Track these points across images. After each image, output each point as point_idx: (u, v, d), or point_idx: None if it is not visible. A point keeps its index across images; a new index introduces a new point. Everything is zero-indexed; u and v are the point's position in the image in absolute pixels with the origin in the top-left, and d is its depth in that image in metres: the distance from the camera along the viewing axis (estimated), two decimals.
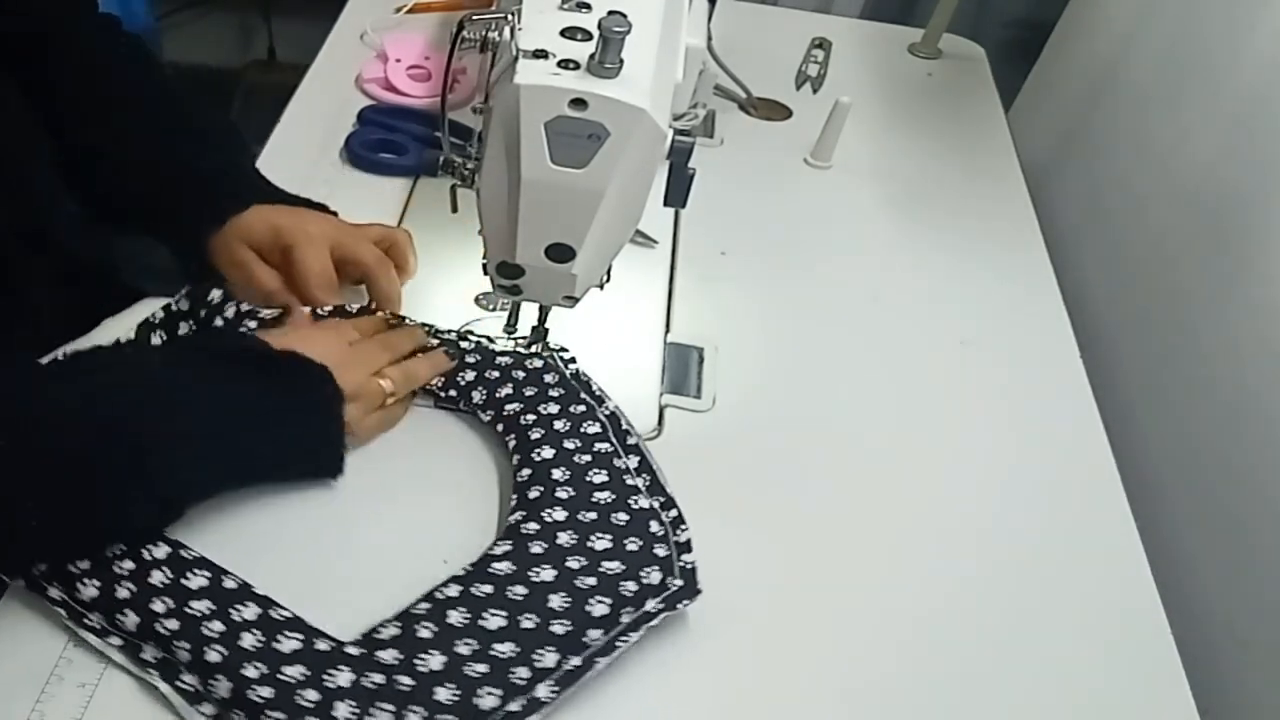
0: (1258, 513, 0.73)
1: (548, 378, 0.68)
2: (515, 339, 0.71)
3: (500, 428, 0.66)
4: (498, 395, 0.67)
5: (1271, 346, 0.74)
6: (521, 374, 0.68)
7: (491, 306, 0.76)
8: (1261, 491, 0.72)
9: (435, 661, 0.53)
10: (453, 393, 0.68)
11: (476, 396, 0.68)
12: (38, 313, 0.69)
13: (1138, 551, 0.69)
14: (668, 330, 0.78)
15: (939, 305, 0.84)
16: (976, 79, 1.13)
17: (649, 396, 0.71)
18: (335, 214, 0.75)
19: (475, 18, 0.56)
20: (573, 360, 0.71)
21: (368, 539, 0.62)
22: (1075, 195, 1.06)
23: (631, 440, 0.66)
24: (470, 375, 0.69)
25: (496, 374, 0.69)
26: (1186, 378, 0.83)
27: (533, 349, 0.71)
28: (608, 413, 0.67)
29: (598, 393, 0.68)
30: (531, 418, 0.66)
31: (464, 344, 0.71)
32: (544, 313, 0.70)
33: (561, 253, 0.60)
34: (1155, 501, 0.80)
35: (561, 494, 0.61)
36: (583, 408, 0.66)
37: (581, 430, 0.65)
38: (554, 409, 0.66)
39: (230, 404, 0.58)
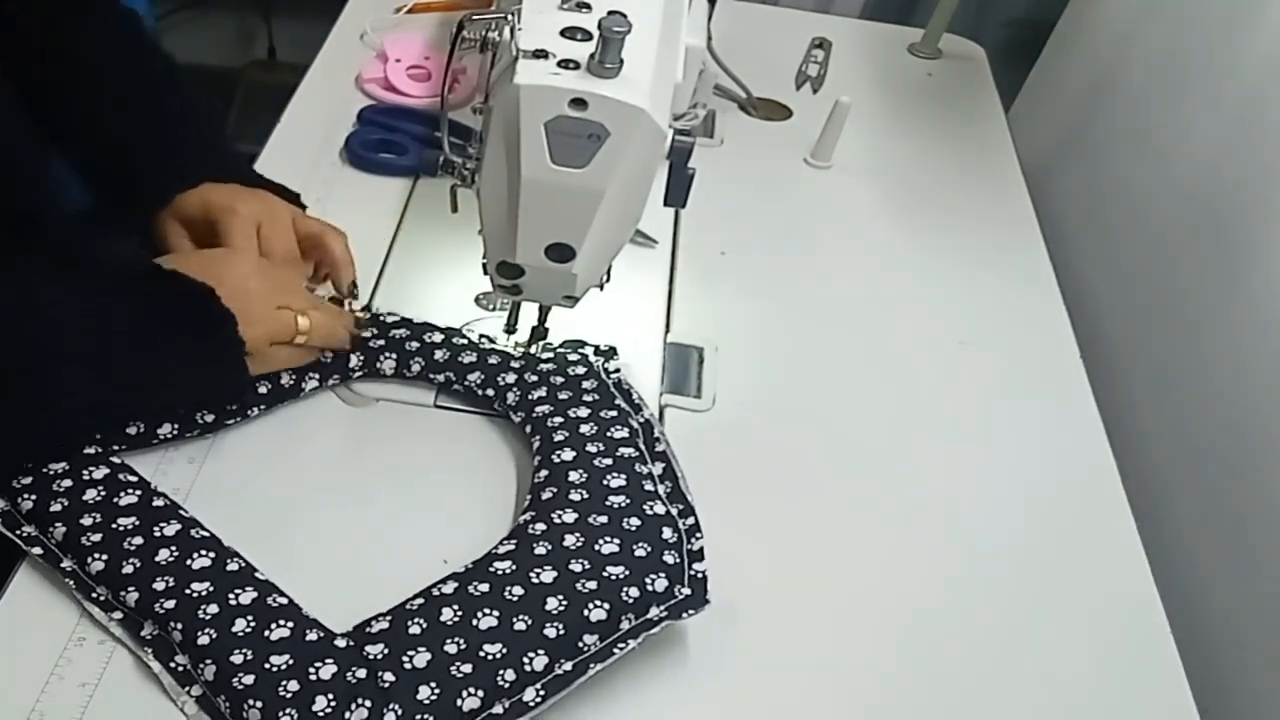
0: (1258, 512, 0.73)
1: (586, 384, 0.68)
2: (515, 340, 0.71)
3: (528, 429, 0.66)
4: (530, 398, 0.67)
5: (1272, 346, 0.74)
6: (560, 379, 0.68)
7: (491, 306, 0.76)
8: (1262, 491, 0.72)
9: (420, 659, 0.52)
10: (490, 392, 0.68)
11: (511, 398, 0.67)
12: None
13: (1138, 551, 0.68)
14: (668, 330, 0.78)
15: (938, 305, 0.84)
16: (976, 79, 1.13)
17: (649, 396, 0.71)
18: (297, 196, 0.74)
19: (475, 18, 0.56)
20: (617, 368, 0.71)
21: (389, 534, 0.62)
22: (1075, 195, 1.06)
23: (660, 448, 0.65)
24: (510, 378, 0.68)
25: (535, 378, 0.68)
26: (1187, 377, 0.83)
27: (532, 349, 0.71)
28: (641, 420, 0.67)
29: (636, 400, 0.68)
30: (559, 420, 0.65)
31: (482, 342, 0.71)
32: (544, 313, 0.70)
33: (561, 253, 0.60)
34: (1155, 502, 0.80)
35: (575, 496, 0.60)
36: (614, 413, 0.66)
37: (608, 434, 0.64)
38: (584, 413, 0.66)
39: (111, 324, 0.58)
